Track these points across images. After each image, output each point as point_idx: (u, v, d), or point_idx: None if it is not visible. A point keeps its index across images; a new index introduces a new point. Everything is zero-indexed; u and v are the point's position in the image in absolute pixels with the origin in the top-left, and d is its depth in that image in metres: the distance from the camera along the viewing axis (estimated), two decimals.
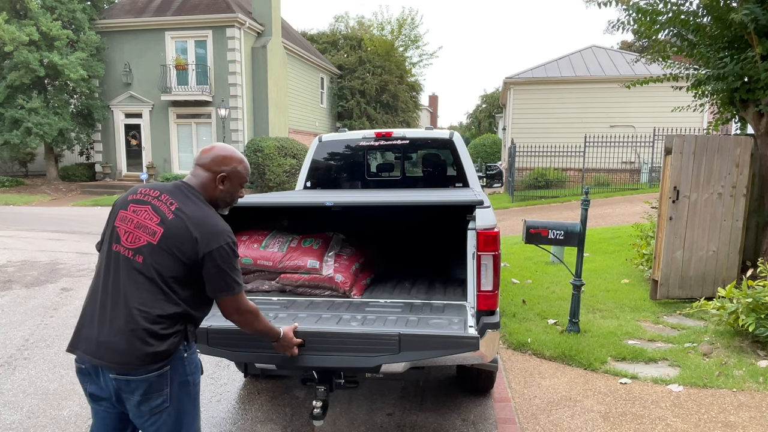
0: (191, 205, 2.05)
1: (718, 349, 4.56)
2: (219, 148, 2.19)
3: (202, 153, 2.19)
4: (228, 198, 2.21)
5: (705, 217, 5.70)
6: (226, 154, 2.18)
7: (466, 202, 3.16)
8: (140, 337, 1.91)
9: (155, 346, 1.92)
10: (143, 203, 2.05)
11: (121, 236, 2.02)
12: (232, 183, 2.18)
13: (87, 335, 1.98)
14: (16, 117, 18.99)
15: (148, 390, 1.95)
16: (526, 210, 16.03)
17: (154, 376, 1.94)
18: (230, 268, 2.02)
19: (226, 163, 2.16)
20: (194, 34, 20.97)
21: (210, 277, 2.01)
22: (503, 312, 5.66)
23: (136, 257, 1.98)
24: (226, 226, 2.06)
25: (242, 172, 2.21)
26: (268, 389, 4.14)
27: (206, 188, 2.14)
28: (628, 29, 6.24)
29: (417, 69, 39.75)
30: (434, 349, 2.61)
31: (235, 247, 2.06)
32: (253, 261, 3.50)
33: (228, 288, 2.04)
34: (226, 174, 2.15)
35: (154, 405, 1.98)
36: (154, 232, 1.98)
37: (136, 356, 1.91)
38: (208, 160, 2.15)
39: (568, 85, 20.15)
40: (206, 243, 1.97)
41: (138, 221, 2.02)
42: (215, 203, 2.17)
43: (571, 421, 3.55)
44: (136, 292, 1.95)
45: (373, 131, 5.72)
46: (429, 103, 50.21)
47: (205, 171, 2.15)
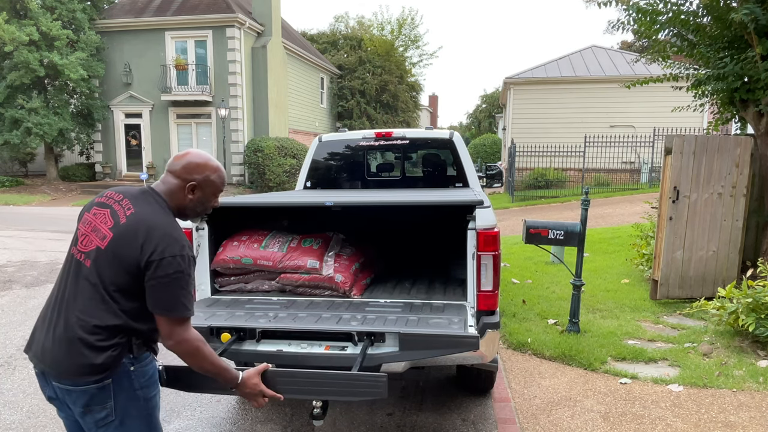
0: (148, 210, 1.90)
1: (718, 349, 4.56)
2: (192, 155, 2.03)
3: (175, 159, 2.04)
4: (198, 208, 2.06)
5: (705, 217, 5.70)
6: (200, 162, 2.02)
7: (466, 202, 3.16)
8: (76, 347, 1.80)
9: (91, 358, 1.80)
10: (104, 206, 1.95)
11: (78, 239, 1.94)
12: (203, 192, 2.03)
13: (38, 338, 1.91)
14: (16, 117, 18.98)
15: (89, 402, 1.85)
16: (526, 210, 16.03)
17: (93, 389, 1.83)
18: (173, 284, 1.82)
19: (199, 171, 2.00)
20: (194, 34, 20.96)
21: (149, 288, 1.83)
22: (503, 312, 5.66)
23: (85, 261, 1.88)
24: (181, 238, 1.88)
25: (216, 182, 2.04)
26: None
27: (174, 196, 1.99)
28: (628, 29, 6.24)
29: (417, 69, 39.77)
30: (434, 348, 2.61)
31: (186, 263, 1.85)
32: (253, 261, 3.50)
33: (167, 306, 1.84)
34: (196, 183, 2.00)
35: (98, 418, 1.87)
36: (104, 236, 1.87)
37: (73, 366, 1.81)
38: (179, 167, 2.00)
39: (568, 85, 20.15)
40: (151, 250, 1.80)
41: (95, 224, 1.92)
42: (183, 212, 2.04)
43: (571, 421, 3.55)
44: (78, 299, 1.85)
45: (373, 131, 5.72)
46: (429, 103, 50.21)
47: (175, 178, 2.00)
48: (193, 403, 3.90)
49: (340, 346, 2.72)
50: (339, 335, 2.75)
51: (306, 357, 2.72)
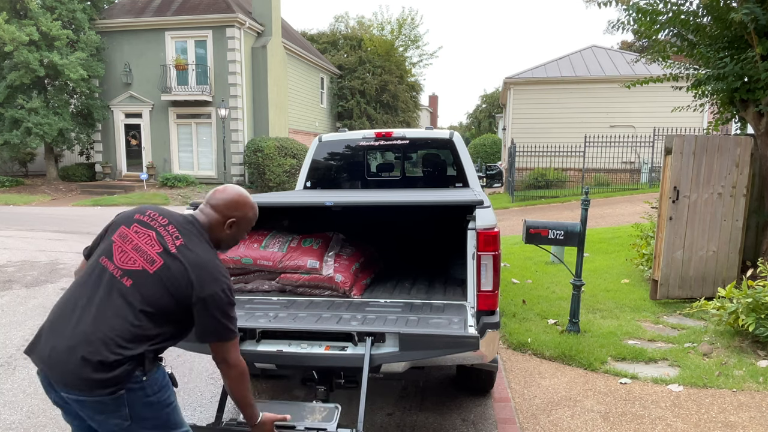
0: (196, 244, 2.01)
1: (718, 349, 4.56)
2: (234, 193, 2.15)
3: (217, 193, 2.15)
4: (232, 242, 2.20)
5: (705, 217, 5.70)
6: (240, 200, 2.15)
7: (466, 202, 3.16)
8: (90, 362, 1.79)
9: (101, 374, 1.80)
10: (148, 227, 2.00)
11: (114, 253, 1.95)
12: (239, 228, 2.17)
13: (45, 342, 1.89)
14: (16, 117, 18.98)
15: (102, 410, 1.86)
16: (526, 210, 16.02)
17: (107, 399, 1.84)
18: (222, 315, 1.97)
19: (239, 208, 2.14)
20: (194, 34, 20.96)
21: (200, 321, 1.96)
22: (503, 312, 5.66)
23: (124, 279, 1.90)
24: (224, 272, 2.02)
25: (251, 219, 2.20)
26: (268, 389, 4.14)
27: (213, 229, 2.11)
28: (628, 29, 6.24)
29: (417, 69, 39.77)
30: (434, 348, 2.61)
31: (231, 294, 2.00)
32: (253, 261, 3.50)
33: (218, 334, 1.98)
34: (236, 219, 2.13)
35: (113, 423, 1.89)
36: (153, 261, 1.93)
37: (82, 379, 1.80)
38: (221, 202, 2.12)
39: (568, 85, 20.15)
40: (201, 287, 1.92)
41: (137, 243, 1.96)
42: (218, 244, 2.15)
43: (571, 421, 3.55)
44: (108, 315, 1.86)
45: (373, 131, 5.72)
46: (429, 103, 50.20)
47: (216, 213, 2.12)
48: (193, 403, 3.90)
49: (340, 346, 2.73)
50: (339, 335, 2.75)
51: (306, 357, 2.72)
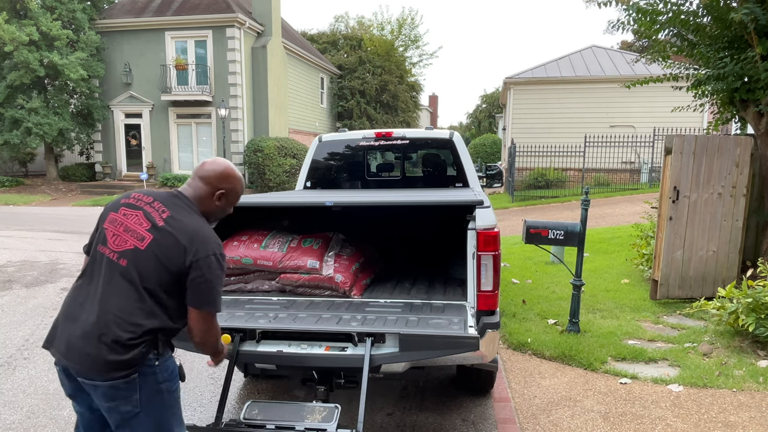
0: (184, 214, 2.03)
1: (718, 349, 4.56)
2: (224, 165, 2.18)
3: (205, 165, 2.17)
4: (221, 213, 2.21)
5: (705, 217, 5.70)
6: (229, 172, 2.17)
7: (466, 202, 3.16)
8: (106, 344, 1.87)
9: (120, 354, 1.88)
10: (135, 208, 2.04)
11: (108, 238, 2.01)
12: (228, 200, 2.18)
13: (60, 333, 1.97)
14: (16, 117, 18.98)
15: (114, 396, 1.92)
16: (526, 210, 16.03)
17: (121, 383, 1.90)
18: (216, 281, 1.99)
19: (228, 180, 2.16)
20: (194, 34, 20.95)
21: (194, 286, 1.97)
22: (503, 312, 5.66)
23: (120, 260, 1.96)
24: (217, 239, 2.04)
25: (239, 191, 2.22)
26: (268, 389, 4.14)
27: (202, 201, 2.13)
28: (628, 29, 6.24)
29: (417, 69, 39.75)
30: (434, 349, 2.61)
31: (223, 260, 2.03)
32: (253, 261, 3.50)
33: (209, 301, 2.00)
34: (225, 191, 2.15)
35: (123, 411, 1.94)
36: (142, 237, 1.97)
37: (100, 362, 1.88)
38: (212, 174, 2.14)
39: (568, 85, 20.15)
40: (195, 251, 1.94)
41: (127, 225, 2.00)
42: (207, 217, 2.16)
43: (571, 421, 3.55)
44: (113, 297, 1.92)
45: (373, 131, 5.72)
46: (429, 103, 50.20)
47: (205, 185, 2.13)
48: (193, 403, 3.90)
49: (340, 346, 2.73)
50: (339, 336, 2.75)
51: (306, 357, 2.72)
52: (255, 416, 2.50)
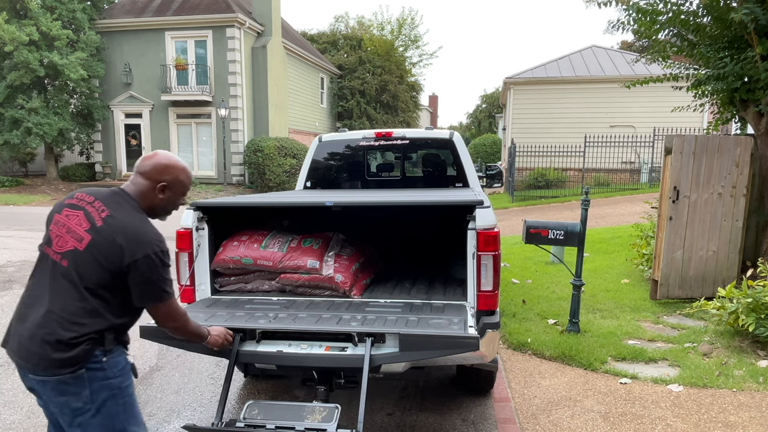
0: (122, 212, 2.03)
1: (718, 349, 4.56)
2: (161, 157, 2.16)
3: (144, 160, 2.15)
4: (169, 206, 2.20)
5: (705, 217, 5.70)
6: (168, 163, 2.15)
7: (466, 202, 3.16)
8: (50, 343, 1.90)
9: (62, 353, 1.90)
10: (77, 208, 2.04)
11: (52, 239, 2.03)
12: (173, 192, 2.17)
13: (13, 333, 2.01)
14: (16, 117, 18.97)
15: (64, 391, 1.95)
16: (526, 210, 16.02)
17: (68, 378, 1.93)
18: (158, 278, 2.01)
19: (168, 172, 2.14)
20: (194, 34, 20.95)
21: (136, 286, 1.99)
22: (503, 312, 5.66)
23: (62, 261, 1.98)
24: (156, 235, 2.03)
25: (184, 181, 2.19)
26: (268, 389, 4.14)
27: (145, 197, 2.12)
28: (628, 29, 6.24)
29: (417, 69, 39.76)
30: (434, 349, 2.61)
31: (164, 256, 2.02)
32: (253, 261, 3.50)
33: (156, 297, 2.04)
34: (167, 183, 2.13)
35: (74, 407, 1.96)
36: (81, 238, 1.98)
37: (45, 360, 1.91)
38: (149, 168, 2.13)
39: (568, 85, 20.15)
40: (132, 252, 1.95)
41: (69, 226, 2.01)
42: (154, 211, 2.16)
43: (571, 421, 3.55)
44: (57, 297, 1.95)
45: (373, 131, 5.72)
46: (429, 103, 50.20)
47: (145, 179, 2.12)
48: (193, 403, 3.90)
49: (340, 346, 2.73)
50: (339, 336, 2.75)
51: (306, 357, 2.72)
52: (255, 416, 2.50)
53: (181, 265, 3.38)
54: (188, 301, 3.44)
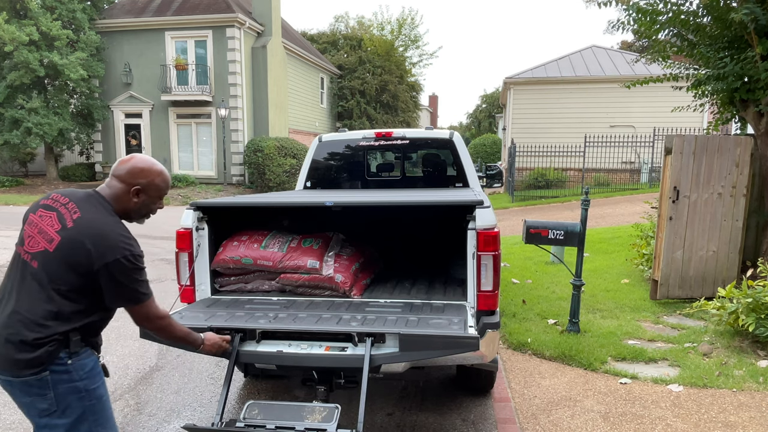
0: (93, 214, 2.00)
1: (718, 349, 4.56)
2: (137, 160, 2.13)
3: (119, 164, 2.13)
4: (143, 210, 2.17)
5: (705, 217, 5.70)
6: (144, 167, 2.12)
7: (466, 202, 3.16)
8: (14, 343, 1.90)
9: (25, 353, 1.89)
10: (51, 209, 2.03)
11: (25, 239, 2.03)
12: (148, 195, 2.13)
13: None
14: (16, 117, 18.97)
15: (29, 392, 1.94)
16: (526, 210, 16.02)
17: (32, 380, 1.92)
18: (129, 281, 1.98)
19: (143, 175, 2.11)
20: (194, 34, 20.95)
21: (107, 289, 1.98)
22: (503, 312, 5.66)
23: (33, 262, 1.97)
24: (126, 239, 1.99)
25: (160, 185, 2.16)
26: (268, 389, 4.14)
27: (119, 200, 2.09)
28: (628, 29, 6.24)
29: (417, 69, 39.74)
30: (434, 349, 2.61)
31: (135, 259, 1.99)
32: (253, 261, 3.50)
33: (130, 300, 2.03)
34: (141, 187, 2.10)
35: (41, 408, 1.95)
36: (51, 239, 1.97)
37: (9, 360, 1.91)
38: (124, 171, 2.10)
39: (568, 85, 20.15)
40: (101, 256, 1.92)
41: (41, 226, 2.00)
42: (128, 215, 2.14)
43: (571, 421, 3.55)
44: (25, 297, 1.94)
45: (373, 131, 5.73)
46: (429, 103, 50.20)
47: (120, 182, 2.09)
48: (193, 403, 3.90)
49: (340, 346, 2.73)
50: (339, 336, 2.75)
51: (306, 357, 2.72)
52: (255, 416, 2.50)
53: (181, 265, 3.38)
54: (188, 301, 3.44)
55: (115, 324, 5.64)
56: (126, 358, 4.76)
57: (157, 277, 7.79)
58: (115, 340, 5.18)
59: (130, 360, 4.71)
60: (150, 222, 2.40)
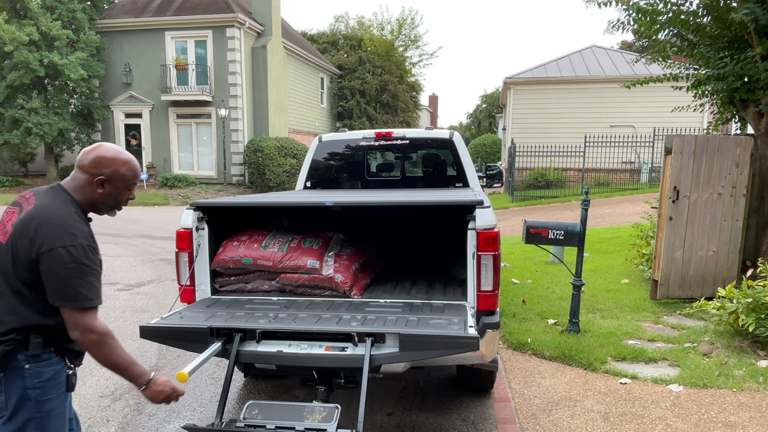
0: (44, 204, 1.91)
1: (718, 349, 4.56)
2: (102, 149, 2.01)
3: (84, 154, 2.01)
4: (110, 201, 2.05)
5: (705, 217, 5.70)
6: (109, 156, 2.00)
7: (465, 202, 3.16)
8: None
9: None
10: (17, 204, 2.00)
11: None
12: (114, 186, 2.01)
13: None
14: (16, 117, 18.97)
15: None
16: (526, 210, 16.02)
17: None
18: (67, 275, 1.81)
19: (108, 165, 1.99)
20: (194, 34, 20.96)
21: (44, 280, 1.83)
22: (503, 312, 5.66)
23: None
24: (72, 228, 1.86)
25: (126, 175, 2.03)
26: (268, 389, 4.14)
27: (83, 191, 1.99)
28: (628, 29, 6.24)
29: (417, 69, 39.75)
30: (434, 349, 2.61)
31: (77, 252, 1.83)
32: (253, 261, 3.50)
33: (66, 297, 1.83)
34: (105, 177, 1.99)
35: None
36: (6, 232, 1.91)
37: None
38: (87, 161, 1.98)
39: (568, 85, 20.15)
40: (40, 243, 1.81)
41: (4, 222, 1.96)
42: (95, 207, 2.03)
43: (571, 421, 3.55)
44: None
45: (373, 131, 5.73)
46: (429, 103, 50.20)
47: (83, 173, 1.99)
48: (193, 403, 3.90)
49: (340, 346, 2.73)
50: (339, 336, 2.75)
51: (306, 358, 2.72)
52: (255, 416, 2.50)
53: (181, 265, 3.38)
54: (188, 301, 3.45)
55: (115, 324, 5.66)
56: None
57: (157, 277, 7.80)
58: None
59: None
60: (150, 222, 2.40)
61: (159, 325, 2.85)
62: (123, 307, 6.30)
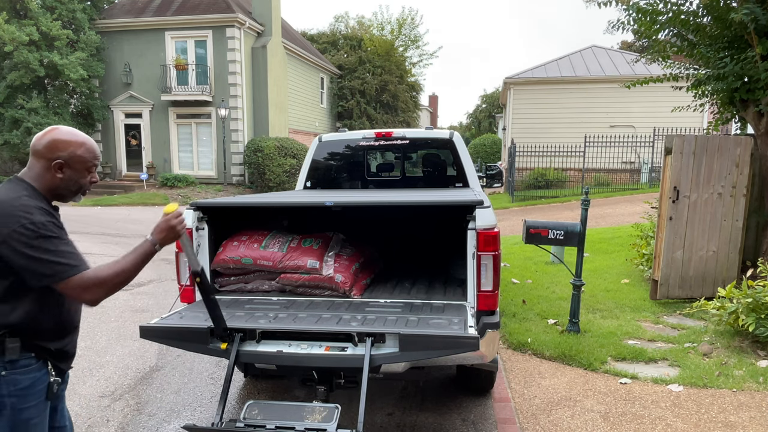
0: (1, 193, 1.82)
1: (718, 349, 4.56)
2: (56, 132, 1.91)
3: (37, 139, 1.91)
4: (73, 186, 1.95)
5: (705, 217, 5.70)
6: (63, 138, 1.90)
7: (466, 202, 3.16)
8: None
9: None
10: None
11: None
12: (73, 169, 1.91)
13: None
14: (16, 117, 18.97)
15: None
16: (526, 210, 16.02)
17: None
18: (38, 251, 1.73)
19: (63, 147, 1.89)
20: (194, 34, 20.96)
21: (20, 267, 1.74)
22: (503, 312, 5.66)
23: None
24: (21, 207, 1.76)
25: (84, 156, 1.93)
26: (268, 389, 4.14)
27: (41, 178, 1.89)
28: (628, 29, 6.24)
29: (417, 69, 39.71)
30: (434, 349, 2.61)
31: (36, 226, 1.74)
32: (253, 261, 3.50)
33: (49, 275, 1.76)
34: (63, 160, 1.88)
35: None
36: None
37: None
38: (42, 146, 1.88)
39: (568, 85, 20.15)
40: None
41: None
42: (57, 193, 1.93)
43: (571, 421, 3.55)
44: None
45: (373, 131, 5.73)
46: (429, 103, 50.20)
47: (39, 159, 1.89)
48: (193, 403, 3.90)
49: (340, 346, 2.73)
50: (339, 336, 2.75)
51: (306, 357, 2.72)
52: (255, 416, 2.50)
53: (181, 266, 3.38)
54: (188, 301, 3.45)
55: (115, 324, 5.66)
56: (126, 358, 4.76)
57: (157, 277, 7.80)
58: (115, 340, 5.19)
59: (130, 360, 4.71)
60: (150, 222, 2.40)
61: (159, 325, 2.85)
62: (123, 307, 6.31)
